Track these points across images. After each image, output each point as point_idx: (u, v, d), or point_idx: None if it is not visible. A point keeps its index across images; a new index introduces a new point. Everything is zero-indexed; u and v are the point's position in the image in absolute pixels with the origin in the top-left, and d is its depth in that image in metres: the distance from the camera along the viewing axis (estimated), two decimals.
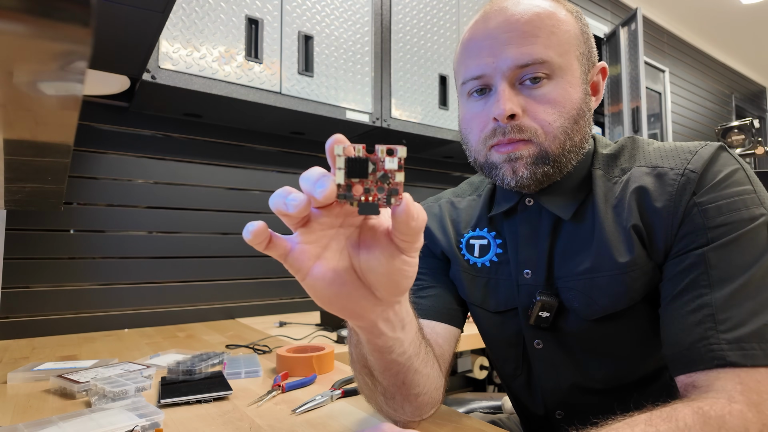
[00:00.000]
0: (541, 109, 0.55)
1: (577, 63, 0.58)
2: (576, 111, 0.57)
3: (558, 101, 0.55)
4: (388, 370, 0.49)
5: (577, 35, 0.58)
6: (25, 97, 0.28)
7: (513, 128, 0.55)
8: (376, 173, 0.31)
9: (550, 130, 0.55)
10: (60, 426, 0.57)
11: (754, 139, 1.70)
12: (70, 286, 1.33)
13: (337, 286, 0.37)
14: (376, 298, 0.39)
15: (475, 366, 1.61)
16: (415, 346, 0.49)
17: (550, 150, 0.56)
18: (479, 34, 0.58)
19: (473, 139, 0.60)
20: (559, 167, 0.57)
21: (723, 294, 0.48)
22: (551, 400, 0.65)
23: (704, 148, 0.54)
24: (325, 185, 0.31)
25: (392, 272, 0.36)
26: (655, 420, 0.41)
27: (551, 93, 0.55)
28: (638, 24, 2.49)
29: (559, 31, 0.56)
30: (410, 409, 0.54)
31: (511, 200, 0.64)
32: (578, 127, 0.57)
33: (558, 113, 0.55)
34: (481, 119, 0.58)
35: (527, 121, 0.55)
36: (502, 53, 0.55)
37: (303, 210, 0.32)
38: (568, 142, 0.56)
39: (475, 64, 0.58)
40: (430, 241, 0.73)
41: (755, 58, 4.54)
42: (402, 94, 1.65)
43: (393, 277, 0.37)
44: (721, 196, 0.51)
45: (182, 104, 1.37)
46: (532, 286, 0.62)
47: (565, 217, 0.59)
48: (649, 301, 0.56)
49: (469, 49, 0.59)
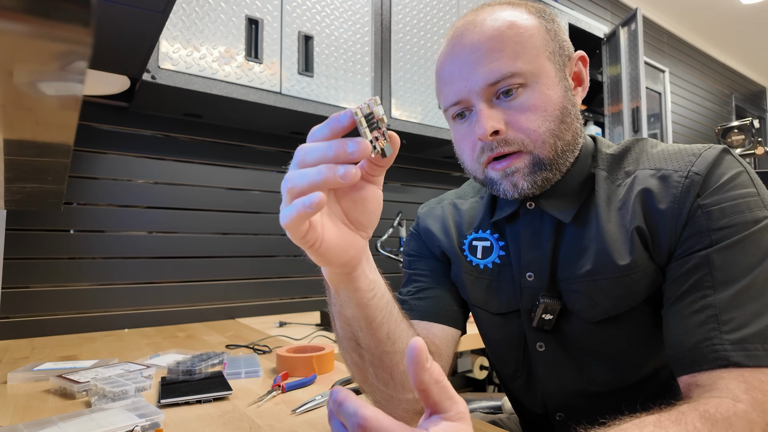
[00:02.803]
0: (523, 119, 0.56)
1: (550, 63, 0.57)
2: (559, 110, 0.57)
3: (538, 106, 0.56)
4: (370, 327, 0.49)
5: (543, 36, 0.58)
6: (25, 97, 0.28)
7: (499, 143, 0.56)
8: (372, 122, 0.39)
9: (537, 136, 0.56)
10: (60, 426, 0.57)
11: (754, 139, 1.70)
12: (70, 286, 1.33)
13: (342, 240, 0.42)
14: (361, 237, 0.44)
15: (475, 366, 1.61)
16: (390, 296, 0.52)
17: (542, 155, 0.56)
18: (448, 61, 0.59)
19: (467, 160, 0.62)
20: (557, 169, 0.58)
21: (726, 295, 0.48)
22: (552, 401, 0.65)
23: (708, 150, 0.54)
24: (360, 145, 0.37)
25: (370, 201, 0.43)
26: (664, 422, 0.41)
27: (529, 100, 0.56)
28: (638, 24, 2.49)
29: (523, 39, 0.56)
30: (399, 378, 0.53)
31: (513, 204, 0.64)
32: (566, 125, 0.57)
33: (541, 118, 0.56)
34: (470, 140, 0.59)
35: (512, 134, 0.56)
36: (471, 75, 0.56)
37: (357, 177, 0.37)
38: (559, 143, 0.57)
39: (450, 90, 0.59)
40: (431, 241, 0.73)
41: (755, 58, 4.54)
42: (402, 94, 1.65)
43: (370, 205, 0.43)
44: (725, 198, 0.51)
45: (182, 104, 1.37)
46: (534, 289, 0.62)
47: (566, 220, 0.60)
48: (651, 303, 0.56)
49: (442, 77, 0.60)
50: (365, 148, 0.37)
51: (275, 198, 1.69)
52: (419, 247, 0.74)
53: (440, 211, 0.75)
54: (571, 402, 0.63)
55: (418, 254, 0.74)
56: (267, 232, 1.67)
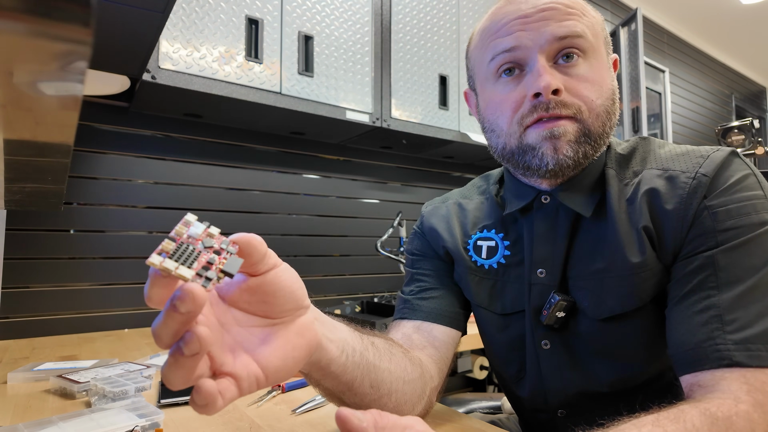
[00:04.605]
0: (582, 86, 0.55)
1: (604, 48, 0.59)
2: (611, 91, 0.58)
3: (596, 80, 0.56)
4: (351, 389, 0.47)
5: (602, 24, 0.60)
6: (25, 97, 0.28)
7: (557, 103, 0.54)
8: (190, 252, 0.31)
9: (594, 107, 0.55)
10: (60, 426, 0.57)
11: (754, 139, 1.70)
12: (70, 286, 1.33)
13: (281, 351, 0.36)
14: (299, 317, 0.39)
15: (475, 366, 1.61)
16: (360, 341, 0.48)
17: (593, 128, 0.55)
18: (509, 15, 0.57)
19: (504, 123, 0.58)
20: (597, 148, 0.57)
21: (730, 296, 0.48)
22: (555, 399, 0.65)
23: (716, 152, 0.54)
24: (183, 294, 0.29)
25: (280, 290, 0.36)
26: (662, 421, 0.41)
27: (588, 72, 0.55)
28: (638, 24, 2.49)
29: (588, 15, 0.58)
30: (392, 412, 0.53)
31: (526, 198, 0.63)
32: (614, 108, 0.58)
33: (597, 91, 0.55)
34: (515, 99, 0.57)
35: (569, 98, 0.55)
36: (538, 28, 0.55)
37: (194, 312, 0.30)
38: (608, 123, 0.57)
39: (508, 38, 0.56)
40: (435, 241, 0.72)
41: (755, 58, 4.54)
42: (402, 94, 1.65)
43: (283, 293, 0.36)
44: (731, 200, 0.51)
45: (182, 104, 1.37)
46: (545, 286, 0.62)
47: (586, 214, 0.59)
48: (656, 302, 0.56)
49: (496, 29, 0.58)
50: (188, 293, 0.28)
51: (275, 198, 1.69)
52: (423, 246, 0.74)
53: (445, 211, 0.74)
54: (574, 400, 0.63)
55: (422, 254, 0.74)
56: (267, 232, 1.67)
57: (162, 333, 0.30)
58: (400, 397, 0.53)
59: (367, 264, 1.91)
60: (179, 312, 0.29)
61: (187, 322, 0.30)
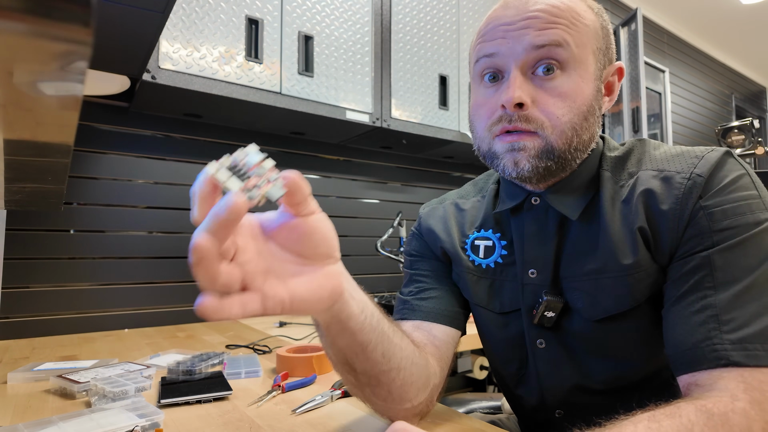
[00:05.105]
0: (551, 102, 0.55)
1: (593, 58, 0.57)
2: (586, 107, 0.56)
3: (569, 94, 0.55)
4: (365, 351, 0.48)
5: (596, 30, 0.58)
6: (25, 97, 0.28)
7: (520, 117, 0.55)
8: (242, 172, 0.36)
9: (558, 124, 0.55)
10: (60, 426, 0.57)
11: (754, 139, 1.70)
12: (70, 286, 1.33)
13: (310, 284, 0.40)
14: (329, 265, 0.42)
15: (475, 366, 1.61)
16: (378, 310, 0.50)
17: (555, 145, 0.55)
18: (497, 20, 0.58)
19: (480, 127, 0.60)
20: (562, 164, 0.57)
21: (727, 295, 0.48)
22: (552, 399, 0.65)
23: (711, 153, 0.55)
24: (227, 203, 0.33)
25: (315, 232, 0.40)
26: (658, 416, 0.41)
27: (563, 85, 0.55)
28: (638, 24, 2.49)
29: (578, 23, 0.56)
30: (397, 392, 0.53)
31: (517, 198, 0.64)
32: (587, 124, 0.57)
33: (568, 107, 0.55)
34: (490, 106, 0.58)
35: (535, 113, 0.55)
36: (517, 37, 0.55)
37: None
38: (575, 139, 0.56)
39: (490, 44, 0.57)
40: (433, 241, 0.72)
41: (755, 58, 4.54)
42: (402, 94, 1.65)
43: (318, 235, 0.40)
44: (727, 200, 0.51)
45: (182, 104, 1.37)
46: (537, 286, 0.62)
47: (572, 216, 0.59)
48: (652, 303, 0.56)
49: (485, 33, 0.59)
50: (232, 204, 0.32)
51: None
52: (421, 247, 0.74)
53: (442, 211, 0.74)
54: (570, 399, 0.63)
55: (420, 254, 0.74)
56: None
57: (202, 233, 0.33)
58: (407, 377, 0.54)
59: (367, 264, 1.91)
60: (222, 214, 0.32)
61: (226, 226, 0.33)
